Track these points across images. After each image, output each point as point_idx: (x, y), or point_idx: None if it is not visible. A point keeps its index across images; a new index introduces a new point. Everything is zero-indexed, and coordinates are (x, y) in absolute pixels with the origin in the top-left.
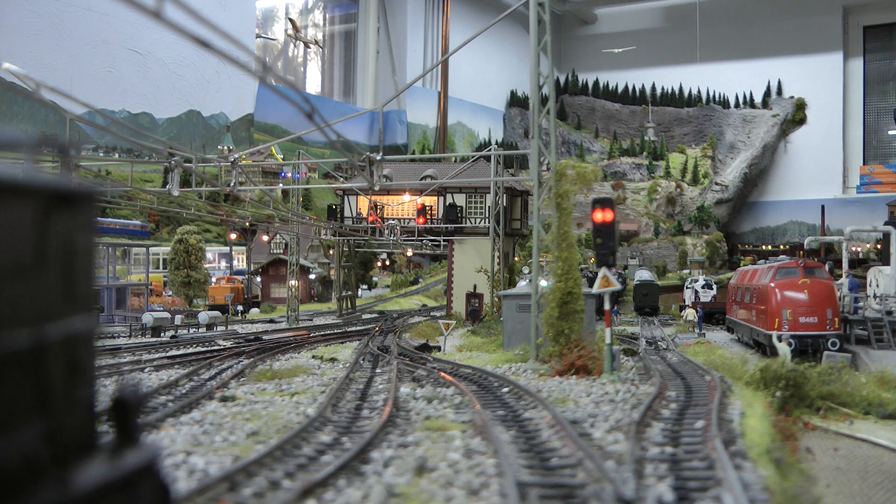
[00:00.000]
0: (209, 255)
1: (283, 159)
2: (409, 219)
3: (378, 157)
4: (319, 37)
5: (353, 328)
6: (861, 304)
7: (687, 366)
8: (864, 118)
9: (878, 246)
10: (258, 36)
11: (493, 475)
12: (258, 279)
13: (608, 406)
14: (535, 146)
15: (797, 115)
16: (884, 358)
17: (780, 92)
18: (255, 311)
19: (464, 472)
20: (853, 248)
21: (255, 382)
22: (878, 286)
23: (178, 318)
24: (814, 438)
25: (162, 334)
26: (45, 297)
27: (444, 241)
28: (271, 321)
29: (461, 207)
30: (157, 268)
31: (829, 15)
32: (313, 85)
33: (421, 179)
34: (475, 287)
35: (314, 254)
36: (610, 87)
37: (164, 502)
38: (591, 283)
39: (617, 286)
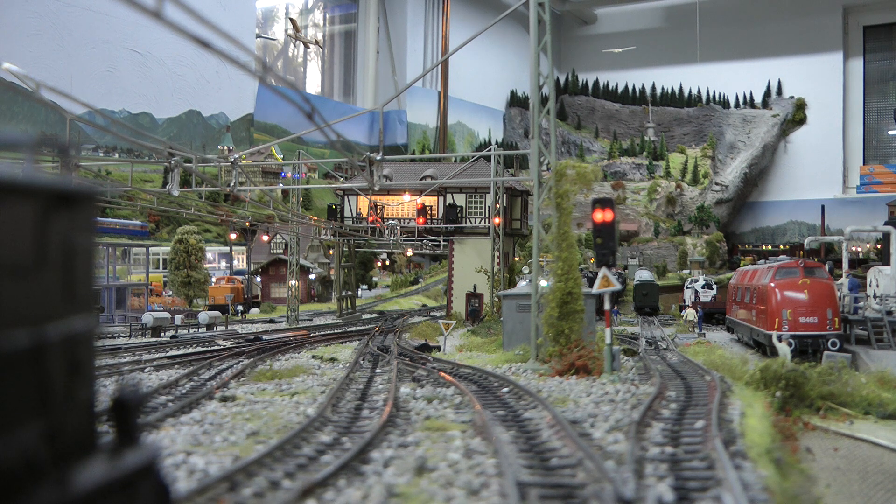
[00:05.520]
0: (209, 255)
1: (283, 159)
2: (409, 219)
3: (378, 157)
4: (319, 37)
5: (353, 328)
6: (861, 304)
7: (687, 366)
8: (864, 118)
9: (878, 246)
10: (258, 36)
11: (493, 475)
12: (258, 279)
13: (608, 406)
14: (535, 146)
15: (797, 115)
16: (884, 358)
17: (780, 92)
18: (255, 311)
19: (464, 472)
20: (853, 248)
21: (255, 382)
22: (878, 286)
23: (178, 318)
24: (814, 438)
25: (162, 334)
26: (45, 297)
27: (444, 241)
28: (271, 321)
29: (461, 207)
30: (157, 268)
31: (829, 15)
32: (313, 85)
33: (421, 179)
34: (475, 287)
35: (314, 254)
36: (610, 87)
37: (164, 502)
38: (591, 283)
39: (617, 286)
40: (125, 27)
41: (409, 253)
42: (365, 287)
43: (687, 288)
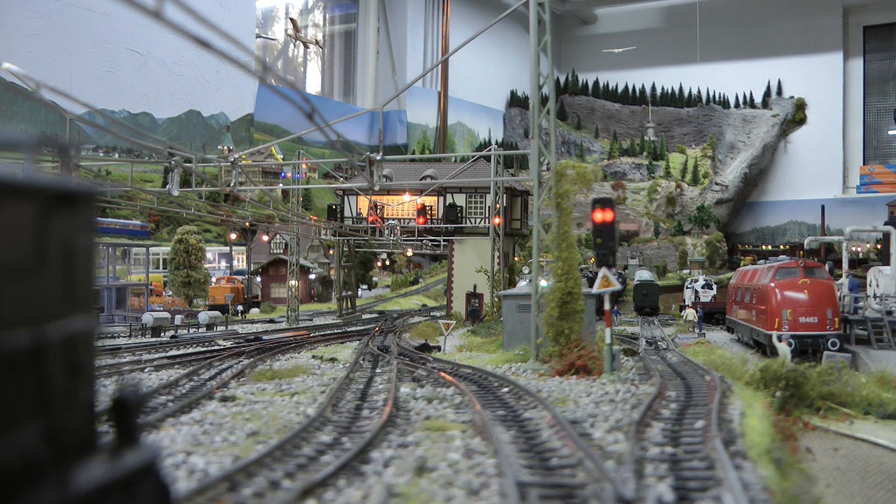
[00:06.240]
0: (209, 255)
1: (283, 159)
2: (409, 219)
3: (378, 157)
4: (319, 37)
5: (353, 328)
6: (861, 304)
7: (687, 366)
8: (864, 118)
9: (878, 246)
10: (258, 36)
11: (493, 475)
12: (258, 279)
13: (608, 406)
14: (535, 146)
15: (797, 115)
16: (884, 358)
17: (780, 92)
18: (255, 311)
19: (464, 472)
20: (853, 248)
21: (255, 382)
22: (878, 286)
23: (178, 318)
24: (814, 438)
25: (162, 334)
26: (45, 297)
27: (444, 241)
28: (271, 321)
29: (461, 207)
30: (157, 268)
31: (829, 15)
32: (313, 85)
33: (421, 179)
34: (475, 287)
35: (314, 254)
36: (610, 87)
37: (164, 502)
38: (591, 283)
39: (617, 286)
40: (125, 27)
41: (409, 253)
42: (365, 287)
43: (687, 288)
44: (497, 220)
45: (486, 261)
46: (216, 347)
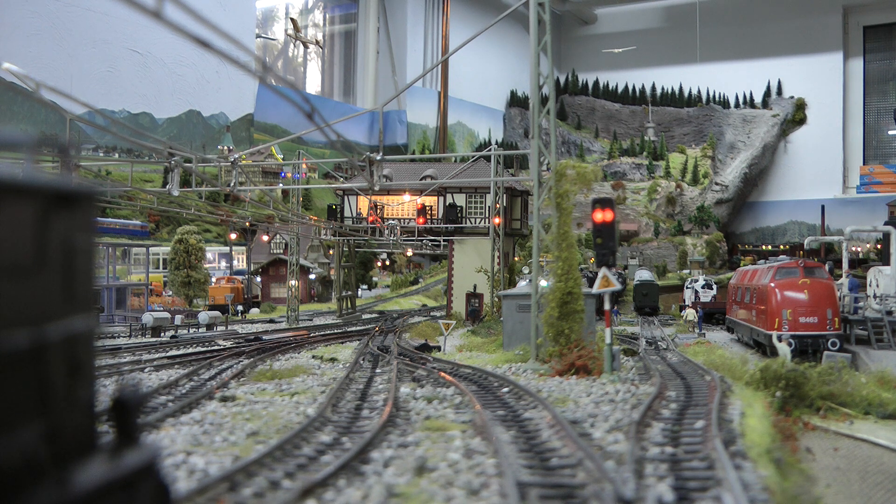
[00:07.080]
0: (209, 255)
1: (283, 159)
2: (409, 219)
3: (378, 157)
4: (319, 37)
5: (353, 328)
6: (861, 304)
7: (687, 366)
8: (864, 118)
9: (878, 246)
10: (258, 36)
11: (493, 475)
12: (258, 279)
13: (608, 406)
14: (535, 146)
15: (797, 115)
16: (884, 358)
17: (780, 92)
18: (255, 311)
19: (464, 472)
20: (853, 248)
21: (255, 382)
22: (878, 286)
23: (178, 318)
24: (814, 438)
25: (162, 334)
26: (45, 297)
27: (444, 241)
28: (271, 321)
29: (461, 207)
30: (157, 268)
31: (829, 15)
32: (313, 85)
33: (421, 179)
34: (475, 287)
35: (314, 254)
36: (610, 87)
37: (164, 502)
38: (591, 283)
39: (617, 286)
40: (125, 27)
41: (409, 253)
42: (365, 287)
43: (687, 288)
44: (497, 220)
45: (486, 261)
46: (216, 347)
